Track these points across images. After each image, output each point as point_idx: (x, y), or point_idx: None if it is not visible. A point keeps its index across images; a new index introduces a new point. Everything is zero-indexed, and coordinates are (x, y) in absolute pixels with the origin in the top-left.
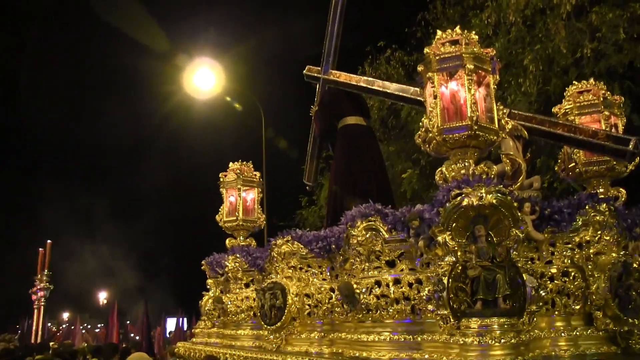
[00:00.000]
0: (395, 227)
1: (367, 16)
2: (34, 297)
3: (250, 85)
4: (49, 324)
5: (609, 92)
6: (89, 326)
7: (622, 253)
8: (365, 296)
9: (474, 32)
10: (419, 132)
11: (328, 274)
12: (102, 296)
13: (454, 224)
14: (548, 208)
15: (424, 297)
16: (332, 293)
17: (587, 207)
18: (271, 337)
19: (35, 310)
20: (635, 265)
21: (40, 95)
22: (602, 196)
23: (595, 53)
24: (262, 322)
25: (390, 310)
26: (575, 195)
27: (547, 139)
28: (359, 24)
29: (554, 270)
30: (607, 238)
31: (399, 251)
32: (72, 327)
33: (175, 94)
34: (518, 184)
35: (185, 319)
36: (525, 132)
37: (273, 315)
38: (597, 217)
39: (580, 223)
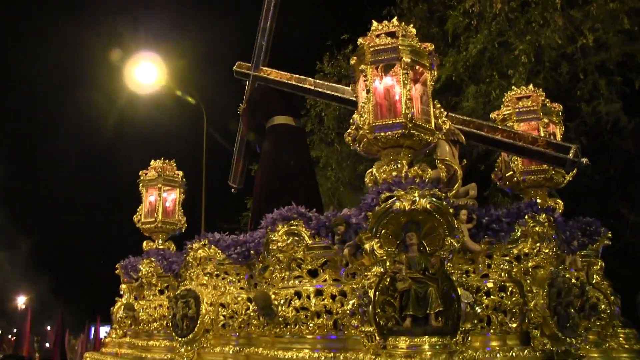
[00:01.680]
0: (319, 233)
1: (330, 9)
2: None
3: (193, 81)
4: None
5: (548, 100)
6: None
7: (561, 267)
8: (283, 308)
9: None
10: (349, 130)
11: (246, 282)
12: (21, 300)
13: (383, 231)
14: (486, 216)
15: (348, 312)
16: (249, 303)
17: (526, 216)
18: (182, 349)
19: None
20: (573, 280)
21: None
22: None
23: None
24: (174, 333)
25: (311, 324)
26: (514, 204)
27: (486, 145)
28: (321, 16)
29: (490, 285)
30: (547, 251)
31: (322, 259)
32: None
33: (112, 87)
34: (453, 191)
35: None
36: (462, 137)
37: (185, 326)
38: (537, 228)
39: (519, 234)
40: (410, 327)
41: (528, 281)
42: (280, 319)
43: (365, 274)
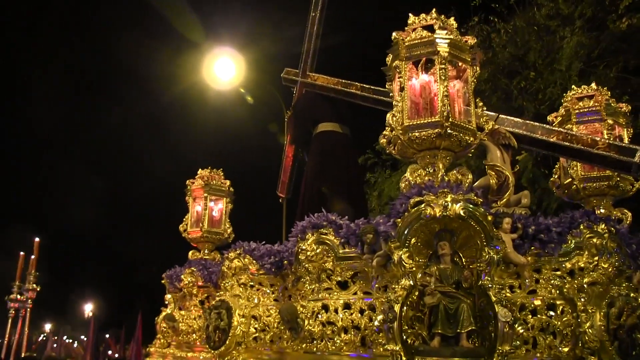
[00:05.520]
0: (349, 242)
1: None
2: (11, 304)
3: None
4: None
5: (613, 99)
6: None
7: (624, 285)
8: (310, 322)
9: None
10: (384, 132)
11: (280, 294)
12: (88, 308)
13: (412, 239)
14: (533, 225)
15: (375, 328)
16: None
17: (581, 226)
18: None
19: (10, 318)
20: None
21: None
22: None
23: None
24: (207, 345)
25: (337, 340)
26: (569, 212)
27: (540, 149)
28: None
29: (537, 302)
30: (606, 266)
31: (352, 271)
32: (55, 338)
33: (184, 85)
34: (504, 200)
35: None
36: (514, 141)
37: (217, 337)
38: (594, 240)
39: (572, 246)
40: (438, 347)
41: (582, 299)
42: (306, 333)
43: (393, 287)
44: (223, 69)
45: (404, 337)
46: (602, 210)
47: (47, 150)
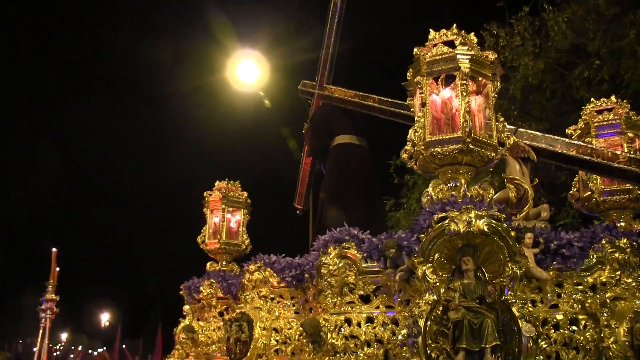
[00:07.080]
0: (371, 256)
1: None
2: (42, 314)
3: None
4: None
5: (633, 112)
6: (80, 348)
7: None
8: (332, 336)
9: None
10: (405, 147)
11: (301, 307)
12: (105, 318)
13: (436, 255)
14: (555, 240)
15: (399, 342)
16: (302, 329)
17: (603, 241)
18: None
19: (40, 328)
20: None
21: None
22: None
23: None
24: (228, 357)
25: (360, 354)
26: (590, 227)
27: (559, 162)
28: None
29: (560, 317)
30: (629, 280)
31: (374, 285)
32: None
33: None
34: (523, 213)
35: None
36: (534, 154)
37: (238, 349)
38: (616, 254)
39: (594, 260)
40: None
41: (605, 314)
42: (329, 346)
43: (417, 301)
44: (244, 72)
45: (428, 351)
46: (622, 224)
47: (58, 155)
